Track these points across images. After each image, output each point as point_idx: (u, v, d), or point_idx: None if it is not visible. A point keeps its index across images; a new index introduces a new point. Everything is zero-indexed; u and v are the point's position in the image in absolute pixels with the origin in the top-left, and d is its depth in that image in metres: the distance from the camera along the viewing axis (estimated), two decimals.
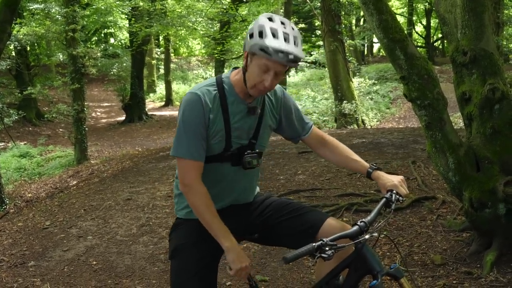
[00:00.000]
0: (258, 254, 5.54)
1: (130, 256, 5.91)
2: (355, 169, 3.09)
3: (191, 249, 2.86)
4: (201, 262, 2.83)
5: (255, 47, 2.56)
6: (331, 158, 3.12)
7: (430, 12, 35.97)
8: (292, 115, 3.03)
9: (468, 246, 4.97)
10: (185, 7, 19.74)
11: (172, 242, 2.98)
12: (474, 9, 4.48)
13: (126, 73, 27.03)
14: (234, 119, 2.78)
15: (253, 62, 2.63)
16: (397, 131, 12.67)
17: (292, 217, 2.96)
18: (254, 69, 2.63)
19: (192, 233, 2.88)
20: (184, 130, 2.72)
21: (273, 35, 2.54)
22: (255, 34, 2.57)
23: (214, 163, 2.81)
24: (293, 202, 3.12)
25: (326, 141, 3.09)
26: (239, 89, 2.78)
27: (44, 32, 17.02)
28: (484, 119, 4.53)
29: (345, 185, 7.43)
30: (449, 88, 12.73)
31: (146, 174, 10.14)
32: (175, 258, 2.90)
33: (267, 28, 2.56)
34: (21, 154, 18.21)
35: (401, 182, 2.83)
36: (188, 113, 2.71)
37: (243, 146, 2.84)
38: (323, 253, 2.31)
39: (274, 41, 2.52)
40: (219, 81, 2.81)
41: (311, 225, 2.89)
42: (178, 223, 3.01)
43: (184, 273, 2.82)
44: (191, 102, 2.72)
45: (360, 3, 4.80)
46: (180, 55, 47.10)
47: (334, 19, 18.90)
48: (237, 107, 2.79)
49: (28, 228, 7.46)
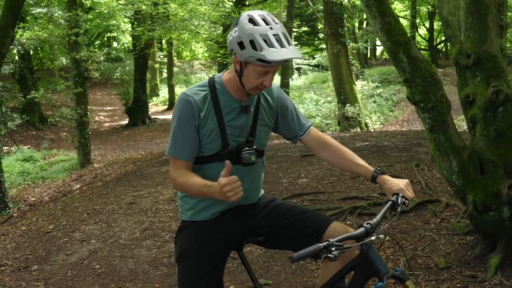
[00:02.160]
0: (261, 257, 5.53)
1: (133, 260, 5.91)
2: (359, 173, 3.07)
3: (198, 251, 2.85)
4: (208, 265, 2.83)
5: (252, 59, 2.57)
6: (333, 161, 3.08)
7: (433, 14, 35.96)
8: (289, 115, 3.04)
9: (472, 249, 4.96)
10: (188, 11, 19.74)
11: (178, 245, 2.97)
12: (478, 11, 4.47)
13: (129, 77, 27.04)
14: (228, 118, 2.81)
15: (249, 69, 2.65)
16: (401, 134, 12.66)
17: (297, 221, 2.95)
18: (252, 74, 2.66)
19: (198, 235, 2.88)
20: (173, 131, 2.80)
21: (266, 43, 2.54)
22: (246, 45, 2.56)
23: (214, 163, 2.82)
24: (298, 206, 3.11)
25: (326, 143, 3.06)
26: (231, 88, 2.81)
27: (47, 36, 17.00)
28: (488, 122, 4.52)
29: (348, 189, 7.42)
30: (452, 90, 12.72)
31: (149, 178, 10.13)
32: (182, 261, 2.89)
33: (257, 36, 2.54)
34: (25, 158, 18.23)
35: (407, 185, 2.81)
36: (177, 113, 2.79)
37: (241, 144, 2.85)
38: (329, 253, 2.30)
39: (270, 52, 2.52)
40: (211, 81, 2.86)
41: (316, 228, 2.88)
42: (183, 225, 3.00)
43: (192, 276, 2.82)
44: (181, 102, 2.79)
45: (363, 6, 4.79)
46: (183, 58, 47.15)
47: (337, 22, 18.90)
48: (230, 106, 2.82)
49: (32, 232, 7.45)
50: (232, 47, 2.65)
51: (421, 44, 41.01)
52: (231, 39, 2.65)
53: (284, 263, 5.35)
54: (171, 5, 19.22)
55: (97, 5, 22.05)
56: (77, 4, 15.40)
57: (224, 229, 2.91)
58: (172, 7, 19.35)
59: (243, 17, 2.63)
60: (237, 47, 2.61)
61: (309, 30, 40.31)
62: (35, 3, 21.47)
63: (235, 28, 2.63)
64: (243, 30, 2.57)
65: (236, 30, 2.61)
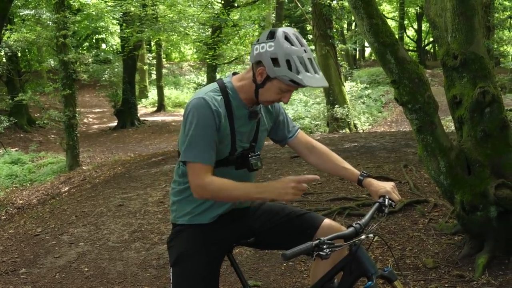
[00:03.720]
0: (250, 259, 5.54)
1: (122, 263, 5.89)
2: (345, 177, 3.12)
3: (197, 255, 2.84)
4: (206, 268, 2.84)
5: (285, 78, 2.57)
6: (320, 165, 3.12)
7: (421, 16, 36.10)
8: (280, 118, 3.05)
9: (459, 249, 4.98)
10: (177, 12, 19.68)
11: (174, 249, 2.93)
12: (464, 12, 4.50)
13: (117, 79, 26.94)
14: (238, 124, 2.79)
15: (274, 84, 2.64)
16: (389, 135, 12.70)
17: (289, 219, 2.98)
18: (274, 89, 2.66)
19: (196, 239, 2.86)
20: (194, 135, 2.67)
21: (303, 66, 2.55)
22: (281, 63, 2.55)
23: (219, 168, 2.79)
24: (289, 206, 3.14)
25: (313, 147, 3.10)
26: (244, 95, 2.78)
27: (35, 38, 16.96)
28: (475, 123, 4.55)
29: (337, 190, 7.44)
30: (441, 91, 12.74)
31: (138, 180, 10.10)
32: (179, 265, 2.86)
33: (295, 58, 2.55)
34: (13, 161, 18.10)
35: (393, 188, 2.85)
36: (197, 118, 2.67)
37: (245, 149, 2.85)
38: (321, 252, 2.32)
39: (307, 77, 2.54)
40: (222, 86, 2.79)
41: (308, 226, 2.92)
42: (179, 229, 2.95)
43: (190, 279, 2.82)
44: (201, 106, 2.68)
45: (351, 8, 4.81)
46: (172, 60, 47.06)
47: (326, 23, 18.92)
48: (241, 112, 2.80)
49: (20, 235, 7.42)
50: (262, 60, 2.61)
51: (409, 45, 41.18)
52: (263, 52, 2.61)
53: (273, 264, 5.36)
54: (159, 7, 19.18)
55: (86, 7, 21.98)
56: (65, 5, 15.37)
57: (222, 232, 2.91)
58: (161, 9, 19.31)
59: (279, 34, 2.61)
60: (270, 62, 2.58)
61: (298, 32, 40.30)
62: (23, 4, 21.34)
63: (270, 42, 2.59)
64: (280, 48, 2.56)
65: (272, 46, 2.58)
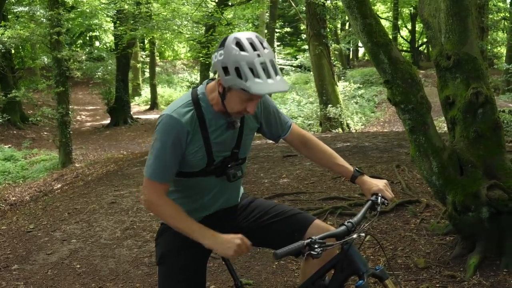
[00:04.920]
0: (242, 257, 5.53)
1: (114, 260, 5.88)
2: (339, 173, 3.10)
3: (178, 255, 2.85)
4: (188, 268, 2.83)
5: (235, 87, 2.45)
6: (314, 158, 3.11)
7: (415, 16, 36.13)
8: (271, 117, 2.99)
9: (451, 249, 4.99)
10: (171, 10, 19.64)
11: (159, 247, 2.96)
12: (458, 13, 4.51)
13: (111, 76, 26.91)
14: (214, 135, 2.72)
15: (233, 94, 2.53)
16: (382, 135, 12.73)
17: (279, 219, 2.96)
18: (235, 99, 2.56)
19: (177, 239, 2.82)
20: (156, 154, 2.65)
21: (252, 73, 2.40)
22: (231, 72, 2.42)
23: (198, 177, 2.79)
24: (279, 205, 3.12)
25: (307, 140, 3.07)
26: (217, 107, 2.68)
27: (28, 35, 16.85)
28: (468, 123, 4.56)
29: (329, 189, 7.45)
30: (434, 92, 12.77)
31: (130, 177, 10.10)
32: (163, 264, 2.89)
33: (243, 64, 2.40)
34: (5, 157, 18.03)
35: (386, 186, 2.85)
36: (162, 137, 2.63)
37: (226, 158, 2.80)
38: (312, 250, 2.33)
39: (255, 83, 2.39)
40: (195, 98, 2.70)
41: (298, 226, 2.90)
42: (163, 228, 2.96)
43: (173, 279, 2.82)
44: (167, 125, 2.63)
45: (345, 7, 4.82)
46: (165, 58, 46.97)
47: (319, 23, 18.95)
48: (216, 123, 2.71)
49: (12, 231, 7.40)
50: (216, 70, 2.50)
51: (403, 45, 41.22)
52: (215, 61, 2.49)
53: (265, 262, 5.36)
54: (153, 5, 19.14)
55: (79, 4, 21.85)
56: (59, 3, 15.29)
57: None
58: (154, 7, 19.27)
59: (229, 40, 2.46)
60: (222, 71, 2.46)
61: (292, 31, 40.39)
62: (17, 1, 21.36)
63: (220, 50, 2.46)
64: (229, 55, 2.43)
65: (222, 54, 2.45)
